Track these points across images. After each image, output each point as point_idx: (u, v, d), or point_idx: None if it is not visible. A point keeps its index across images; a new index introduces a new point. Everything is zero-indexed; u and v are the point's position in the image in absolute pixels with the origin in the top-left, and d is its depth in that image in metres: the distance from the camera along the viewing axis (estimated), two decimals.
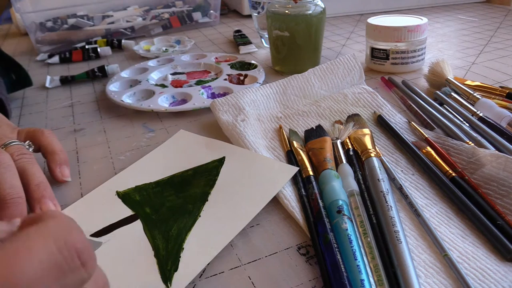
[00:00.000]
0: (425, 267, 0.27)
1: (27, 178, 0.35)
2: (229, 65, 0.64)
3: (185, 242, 0.30)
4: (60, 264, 0.15)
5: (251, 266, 0.29)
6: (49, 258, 0.14)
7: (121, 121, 0.52)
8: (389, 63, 0.59)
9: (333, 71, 0.52)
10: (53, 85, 0.65)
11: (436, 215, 0.32)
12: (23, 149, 0.37)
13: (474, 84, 0.51)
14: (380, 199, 0.32)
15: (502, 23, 0.84)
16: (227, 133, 0.44)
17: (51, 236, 0.15)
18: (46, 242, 0.15)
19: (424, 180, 0.36)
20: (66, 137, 0.49)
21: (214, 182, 0.36)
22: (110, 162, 0.43)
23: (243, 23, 0.99)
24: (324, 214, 0.31)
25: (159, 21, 0.93)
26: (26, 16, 0.84)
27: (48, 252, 0.14)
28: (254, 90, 0.49)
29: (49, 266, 0.14)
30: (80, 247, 0.15)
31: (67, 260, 0.15)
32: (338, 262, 0.27)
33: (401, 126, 0.43)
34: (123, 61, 0.76)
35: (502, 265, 0.27)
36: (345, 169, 0.36)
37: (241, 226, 0.31)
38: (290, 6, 0.58)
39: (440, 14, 0.94)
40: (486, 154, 0.35)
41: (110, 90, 0.57)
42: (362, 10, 0.99)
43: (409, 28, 0.57)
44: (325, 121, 0.46)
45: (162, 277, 0.28)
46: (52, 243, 0.15)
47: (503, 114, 0.43)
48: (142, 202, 0.35)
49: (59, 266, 0.15)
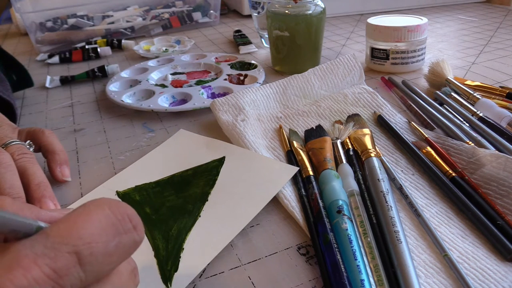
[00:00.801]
0: (425, 267, 0.27)
1: (28, 177, 0.35)
2: (229, 65, 0.64)
3: (185, 242, 0.30)
4: (115, 225, 0.17)
5: (251, 266, 0.29)
6: (106, 219, 0.17)
7: (121, 121, 0.52)
8: (389, 63, 0.59)
9: (333, 71, 0.52)
10: (53, 85, 0.65)
11: (436, 215, 0.32)
12: (24, 148, 0.37)
13: (474, 84, 0.51)
14: (380, 199, 0.32)
15: (502, 23, 0.84)
16: (227, 133, 0.44)
17: (105, 204, 0.18)
18: (102, 208, 0.17)
19: (424, 180, 0.36)
20: (66, 137, 0.49)
21: (214, 182, 0.36)
22: (110, 162, 0.43)
23: (243, 23, 0.99)
24: (324, 214, 0.31)
25: (159, 21, 0.93)
26: (26, 16, 0.84)
27: (104, 215, 0.17)
28: (254, 90, 0.49)
29: (107, 225, 0.17)
30: (130, 213, 0.18)
31: (121, 222, 0.18)
32: (338, 262, 0.27)
33: (401, 126, 0.43)
34: (123, 61, 0.76)
35: (502, 265, 0.27)
36: (345, 169, 0.36)
37: (241, 226, 0.31)
38: (290, 6, 0.59)
39: (440, 14, 0.94)
40: (486, 154, 0.35)
41: (110, 90, 0.57)
42: (362, 10, 0.99)
43: (409, 28, 0.57)
44: (325, 121, 0.46)
45: (162, 277, 0.28)
46: (107, 209, 0.17)
47: (503, 114, 0.43)
48: (142, 202, 0.35)
49: (115, 226, 0.17)
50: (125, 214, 0.18)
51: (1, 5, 1.30)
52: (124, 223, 0.18)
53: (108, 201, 0.18)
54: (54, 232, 0.16)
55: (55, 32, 0.86)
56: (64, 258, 0.15)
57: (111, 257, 0.17)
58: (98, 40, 0.84)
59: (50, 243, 0.15)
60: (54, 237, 0.16)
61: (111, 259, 0.17)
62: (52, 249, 0.15)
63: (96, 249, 0.16)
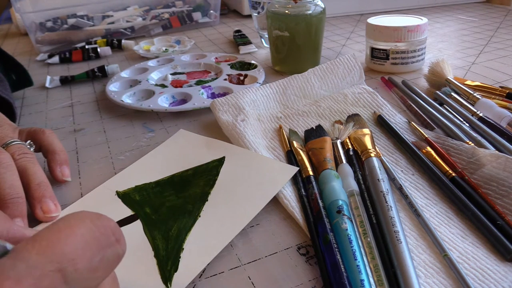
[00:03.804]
0: (425, 267, 0.27)
1: (28, 177, 0.35)
2: (229, 65, 0.64)
3: (185, 242, 0.30)
4: (99, 239, 0.17)
5: (251, 266, 0.29)
6: (89, 233, 0.16)
7: (121, 121, 0.52)
8: (389, 63, 0.59)
9: (333, 71, 0.52)
10: (53, 85, 0.65)
11: (436, 215, 0.32)
12: (24, 148, 0.37)
13: (474, 84, 0.51)
14: (380, 199, 0.32)
15: (502, 23, 0.84)
16: (227, 133, 0.44)
17: (87, 218, 0.17)
18: (83, 221, 0.17)
19: (424, 180, 0.36)
20: (66, 137, 0.49)
21: (214, 182, 0.36)
22: (110, 162, 0.43)
23: (243, 23, 0.99)
24: (324, 214, 0.31)
25: (159, 21, 0.93)
26: (26, 16, 0.84)
27: (87, 229, 0.17)
28: (254, 90, 0.49)
29: (90, 240, 0.16)
30: (112, 226, 0.18)
31: (104, 236, 0.17)
32: (338, 262, 0.27)
33: (401, 126, 0.43)
34: (123, 61, 0.76)
35: (502, 265, 0.27)
36: (345, 169, 0.36)
37: (241, 226, 0.31)
38: (290, 6, 0.59)
39: (440, 14, 0.94)
40: (486, 154, 0.35)
41: (110, 90, 0.57)
42: (362, 10, 0.99)
43: (409, 28, 0.57)
44: (325, 121, 0.46)
45: (162, 277, 0.28)
46: (89, 222, 0.17)
47: (503, 114, 0.43)
48: (142, 202, 0.35)
49: (99, 240, 0.17)
50: (108, 227, 0.17)
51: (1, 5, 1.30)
52: (107, 236, 0.17)
53: (89, 214, 0.17)
54: (36, 250, 0.15)
55: (55, 32, 0.86)
56: (48, 277, 0.15)
57: (96, 273, 0.17)
58: (98, 40, 0.84)
59: (33, 262, 0.15)
60: (36, 255, 0.15)
61: (96, 275, 0.17)
62: (36, 268, 0.15)
63: (81, 265, 0.16)
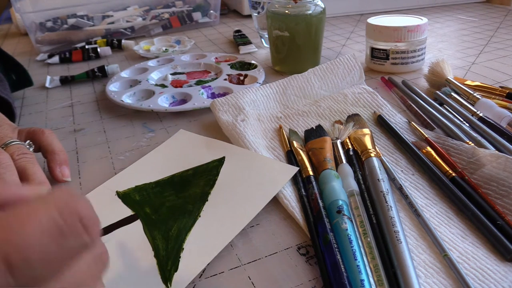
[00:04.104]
0: (425, 267, 0.27)
1: (28, 177, 0.35)
2: (229, 65, 0.64)
3: (185, 242, 0.30)
4: (60, 227, 0.16)
5: (251, 266, 0.29)
6: (48, 220, 0.15)
7: (121, 121, 0.52)
8: (389, 63, 0.59)
9: (333, 71, 0.52)
10: (53, 85, 0.65)
11: (436, 215, 0.32)
12: (24, 148, 0.37)
13: (474, 84, 0.51)
14: (380, 199, 0.32)
15: (502, 23, 0.84)
16: (227, 133, 0.44)
17: (53, 202, 0.16)
18: (47, 207, 0.16)
19: (424, 180, 0.36)
20: (66, 137, 0.49)
21: (214, 182, 0.36)
22: (110, 162, 0.43)
23: (243, 23, 0.99)
24: (324, 214, 0.31)
25: (159, 21, 0.93)
26: (26, 16, 0.84)
27: (47, 215, 0.15)
28: (254, 90, 0.49)
29: (49, 227, 0.15)
30: (83, 213, 0.16)
31: (68, 224, 0.16)
32: (338, 262, 0.27)
33: (401, 126, 0.43)
34: (123, 61, 0.76)
35: (502, 265, 0.27)
36: (345, 169, 0.36)
37: (241, 226, 0.31)
38: (290, 6, 0.58)
39: (440, 14, 0.94)
40: (486, 154, 0.35)
41: (110, 90, 0.57)
42: (362, 10, 0.99)
43: (409, 28, 0.57)
44: (325, 121, 0.46)
45: (162, 277, 0.28)
46: (53, 208, 0.16)
47: (503, 114, 0.43)
48: (142, 202, 0.35)
49: (60, 228, 0.16)
50: (75, 214, 0.16)
51: (1, 5, 1.30)
52: (72, 224, 0.16)
53: (58, 198, 0.16)
54: None
55: (55, 32, 0.86)
56: None
57: (51, 263, 0.16)
58: (98, 40, 0.84)
59: None
60: None
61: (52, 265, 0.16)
62: None
63: (32, 255, 0.15)
